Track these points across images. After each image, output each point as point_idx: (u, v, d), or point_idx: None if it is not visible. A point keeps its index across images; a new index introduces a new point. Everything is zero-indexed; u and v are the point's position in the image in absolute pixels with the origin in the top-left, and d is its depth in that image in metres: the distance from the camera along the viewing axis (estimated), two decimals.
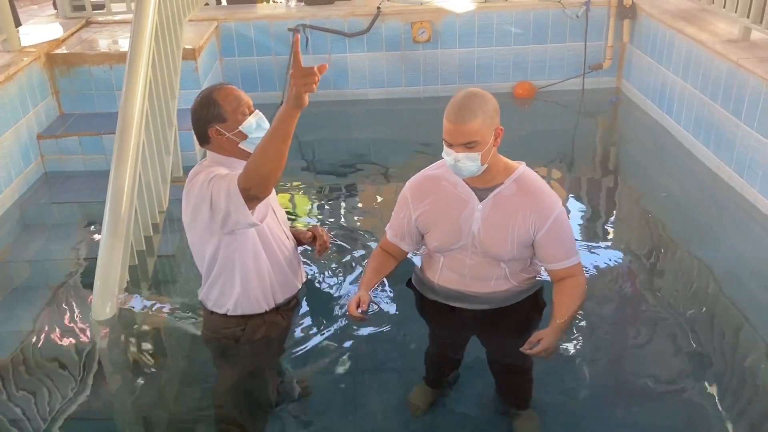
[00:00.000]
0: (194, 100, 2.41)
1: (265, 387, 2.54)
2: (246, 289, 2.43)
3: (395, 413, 2.42)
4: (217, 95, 2.35)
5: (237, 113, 2.35)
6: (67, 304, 2.97)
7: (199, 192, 2.28)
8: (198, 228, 2.37)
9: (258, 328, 2.48)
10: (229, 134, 2.35)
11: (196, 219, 2.35)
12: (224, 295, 2.46)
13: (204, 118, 2.35)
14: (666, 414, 2.39)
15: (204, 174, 2.31)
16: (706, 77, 4.25)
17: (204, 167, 2.37)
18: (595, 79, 5.67)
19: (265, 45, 5.43)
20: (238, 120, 2.35)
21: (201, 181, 2.28)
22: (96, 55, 4.57)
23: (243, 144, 2.37)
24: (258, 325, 2.48)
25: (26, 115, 4.15)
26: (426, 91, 5.67)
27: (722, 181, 4.02)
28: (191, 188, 2.34)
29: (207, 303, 2.53)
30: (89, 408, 2.47)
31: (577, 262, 2.45)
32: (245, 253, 2.38)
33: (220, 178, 2.24)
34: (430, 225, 2.47)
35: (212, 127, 2.35)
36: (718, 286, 3.08)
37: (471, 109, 2.21)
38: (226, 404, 2.46)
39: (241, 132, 2.35)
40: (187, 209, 2.37)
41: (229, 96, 2.35)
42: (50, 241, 3.60)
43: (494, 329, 2.55)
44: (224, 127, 2.34)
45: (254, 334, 2.48)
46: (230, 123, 2.34)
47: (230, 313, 2.47)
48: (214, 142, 2.38)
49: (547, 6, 5.47)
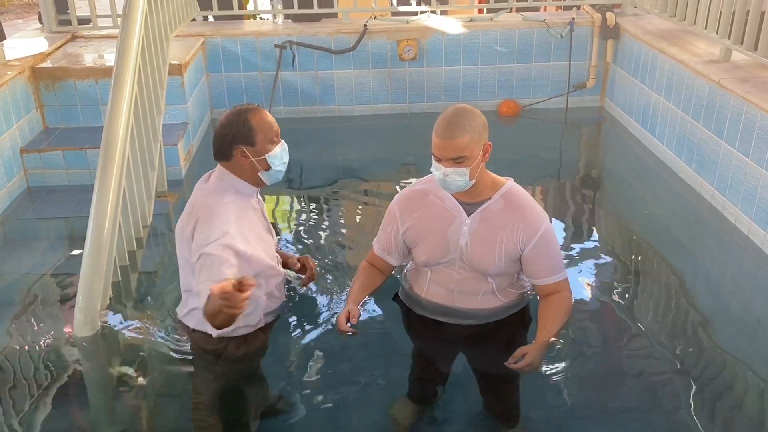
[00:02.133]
0: (223, 115, 2.39)
1: (247, 403, 2.51)
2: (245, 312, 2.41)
3: (381, 429, 2.41)
4: (251, 116, 2.34)
5: (267, 140, 2.36)
6: (49, 319, 2.94)
7: (196, 244, 2.26)
8: (189, 256, 2.35)
9: (240, 345, 2.46)
10: (253, 159, 2.35)
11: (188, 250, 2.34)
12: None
13: (232, 136, 2.34)
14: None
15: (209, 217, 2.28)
16: (688, 97, 4.31)
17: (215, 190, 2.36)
18: (579, 98, 5.73)
19: (252, 61, 5.44)
20: (267, 148, 2.36)
21: (202, 236, 2.26)
22: (81, 69, 4.55)
23: (262, 173, 2.39)
24: (240, 342, 2.46)
25: (9, 129, 4.12)
26: (412, 108, 5.70)
27: (704, 200, 4.06)
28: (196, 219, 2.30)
29: (189, 322, 2.49)
30: (69, 425, 2.44)
31: (564, 278, 2.46)
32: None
33: (206, 270, 2.21)
34: (418, 239, 2.47)
35: (239, 147, 2.33)
36: (698, 305, 3.10)
37: (460, 125, 2.23)
38: (207, 421, 2.43)
39: (266, 161, 2.36)
40: (184, 232, 2.34)
41: (263, 121, 2.36)
42: (32, 256, 3.56)
43: (481, 345, 2.55)
44: (251, 151, 2.34)
45: (237, 351, 2.45)
46: (258, 148, 2.35)
47: (223, 334, 2.41)
48: (234, 162, 2.37)
49: (531, 26, 5.53)
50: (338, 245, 3.60)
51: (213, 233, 2.25)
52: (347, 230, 3.87)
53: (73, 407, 2.50)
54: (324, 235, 3.77)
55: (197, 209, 2.34)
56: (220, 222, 2.28)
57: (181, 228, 2.39)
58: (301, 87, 5.54)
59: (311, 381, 2.55)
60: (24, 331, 2.88)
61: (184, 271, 2.46)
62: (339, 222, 4.02)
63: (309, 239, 3.68)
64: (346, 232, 3.83)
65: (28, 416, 2.42)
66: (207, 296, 2.09)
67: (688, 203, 4.14)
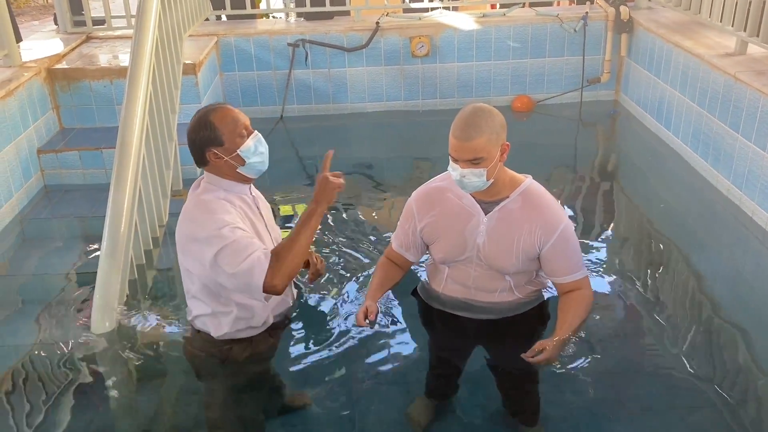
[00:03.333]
0: (190, 122, 2.36)
1: (256, 404, 2.50)
2: (242, 317, 2.40)
3: (398, 426, 2.41)
4: (213, 117, 2.29)
5: (234, 135, 2.30)
6: (67, 318, 2.97)
7: (207, 237, 2.23)
8: (193, 260, 2.34)
9: (245, 349, 2.45)
10: (227, 158, 2.30)
11: (191, 257, 2.33)
12: (218, 321, 2.41)
13: (200, 141, 2.30)
14: (669, 429, 2.38)
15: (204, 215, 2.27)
16: (703, 90, 4.27)
17: (204, 192, 2.34)
18: (593, 92, 5.70)
19: (265, 60, 5.46)
20: (236, 143, 2.30)
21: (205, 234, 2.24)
22: (96, 70, 4.59)
23: (241, 169, 2.34)
24: (245, 345, 2.45)
25: (27, 129, 4.16)
26: (424, 105, 5.69)
27: (720, 193, 4.03)
28: (196, 218, 2.29)
29: (196, 323, 2.49)
30: (88, 421, 2.46)
31: (584, 276, 2.45)
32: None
33: (244, 246, 2.20)
34: (435, 237, 2.47)
35: (209, 150, 2.30)
36: (716, 300, 3.08)
37: (477, 126, 2.21)
38: (218, 421, 2.43)
39: (239, 156, 2.31)
40: (185, 236, 2.33)
41: (226, 118, 2.30)
42: (50, 255, 3.60)
43: (499, 340, 2.55)
44: (222, 151, 2.29)
45: (241, 354, 2.44)
46: (228, 146, 2.29)
47: (225, 337, 2.43)
48: (212, 165, 2.34)
49: (544, 20, 5.51)
50: (352, 242, 3.60)
51: (217, 225, 2.23)
52: (361, 227, 3.87)
53: (91, 404, 2.52)
54: (338, 232, 3.77)
55: (192, 214, 2.32)
56: (220, 213, 2.26)
57: (179, 236, 2.37)
58: (314, 85, 5.55)
59: (326, 379, 2.55)
60: (42, 330, 2.91)
61: (185, 278, 2.44)
62: (352, 219, 4.02)
63: (323, 236, 3.69)
64: (359, 229, 3.84)
65: (48, 413, 2.45)
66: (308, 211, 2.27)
67: (705, 197, 4.10)
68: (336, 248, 3.47)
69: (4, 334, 2.95)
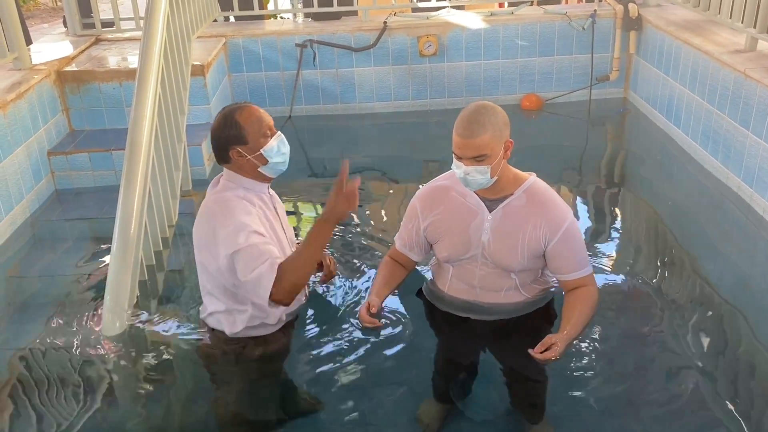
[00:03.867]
0: (215, 118, 2.39)
1: (267, 405, 2.51)
2: (257, 315, 2.43)
3: (407, 428, 2.41)
4: (239, 116, 2.34)
5: (259, 135, 2.34)
6: (78, 319, 2.98)
7: (225, 237, 2.27)
8: (209, 258, 2.37)
9: (258, 347, 2.47)
10: (250, 156, 2.34)
11: (208, 254, 2.36)
12: (233, 318, 2.44)
13: (224, 139, 2.34)
14: (679, 429, 2.37)
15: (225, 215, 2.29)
16: (713, 87, 4.25)
17: (224, 190, 2.37)
18: (602, 90, 5.68)
19: (273, 60, 5.47)
20: (260, 143, 2.34)
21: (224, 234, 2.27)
22: (105, 72, 4.61)
23: (262, 168, 2.38)
24: (258, 343, 2.47)
25: (37, 132, 4.18)
26: (433, 104, 5.69)
27: (731, 191, 4.01)
28: (216, 216, 2.32)
29: (209, 321, 2.52)
30: (98, 423, 2.47)
31: (589, 273, 2.44)
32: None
33: (257, 254, 2.23)
34: (439, 235, 2.47)
35: (233, 148, 2.34)
36: (726, 298, 3.06)
37: (480, 123, 2.22)
38: (229, 421, 2.45)
39: (263, 155, 2.35)
40: (204, 233, 2.36)
41: (251, 117, 2.34)
42: (60, 257, 3.62)
43: (505, 341, 2.54)
44: (245, 149, 2.34)
45: (254, 352, 2.46)
46: (251, 145, 2.34)
47: (239, 335, 2.46)
48: (234, 163, 2.37)
49: (553, 18, 5.49)
50: (361, 242, 3.60)
51: (237, 226, 2.27)
52: (370, 227, 3.88)
53: (102, 406, 2.53)
54: (346, 232, 3.77)
55: (212, 211, 2.36)
56: (239, 214, 2.30)
57: (197, 232, 2.41)
58: (322, 85, 5.56)
59: (334, 380, 2.55)
60: (53, 331, 2.92)
61: (202, 274, 2.47)
62: (361, 219, 4.03)
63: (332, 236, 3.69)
64: (368, 229, 3.84)
65: (59, 415, 2.46)
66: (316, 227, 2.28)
67: (715, 195, 4.08)
68: (344, 249, 3.47)
69: (15, 335, 2.97)
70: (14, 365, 2.75)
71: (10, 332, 3.01)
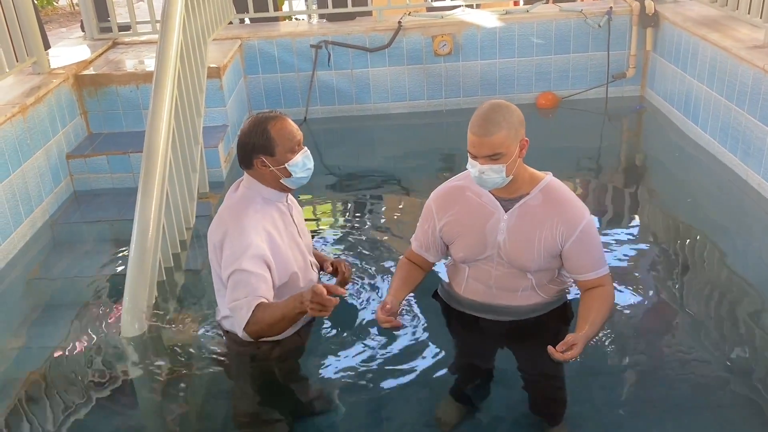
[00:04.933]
0: (245, 122, 2.40)
1: (284, 404, 2.52)
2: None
3: (424, 428, 2.40)
4: (272, 127, 2.35)
5: (286, 150, 2.36)
6: (97, 321, 3.01)
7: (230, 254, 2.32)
8: (216, 267, 2.44)
9: (274, 347, 2.48)
10: (273, 168, 2.36)
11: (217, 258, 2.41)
12: None
13: (251, 145, 2.36)
14: (699, 428, 2.35)
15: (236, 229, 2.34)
16: (731, 84, 4.21)
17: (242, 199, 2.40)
18: (618, 88, 5.64)
19: (289, 62, 5.49)
20: (287, 157, 2.36)
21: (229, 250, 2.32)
22: (123, 75, 4.65)
23: (284, 180, 2.40)
24: (274, 344, 2.48)
25: (56, 135, 4.23)
26: (448, 104, 5.68)
27: (751, 188, 3.96)
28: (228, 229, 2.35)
29: (224, 324, 2.55)
30: (117, 424, 2.49)
31: (606, 273, 2.42)
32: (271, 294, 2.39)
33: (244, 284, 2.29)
34: (455, 236, 2.46)
35: (258, 157, 2.35)
36: (746, 296, 3.03)
37: (495, 121, 2.21)
38: (246, 422, 2.46)
39: (287, 169, 2.37)
40: (215, 241, 2.40)
41: (283, 131, 2.36)
42: (79, 259, 3.65)
43: (522, 341, 2.53)
44: (270, 161, 2.35)
45: (271, 353, 2.48)
46: (278, 158, 2.35)
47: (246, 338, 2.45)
48: (256, 170, 2.39)
49: (568, 16, 5.47)
50: (377, 243, 3.60)
51: (242, 245, 2.30)
52: (386, 228, 3.88)
53: (121, 407, 2.55)
54: (363, 234, 3.78)
55: (226, 221, 2.39)
56: (248, 233, 2.32)
57: (211, 237, 2.44)
58: (337, 86, 5.57)
59: (350, 381, 2.55)
60: (72, 332, 2.95)
61: (215, 277, 2.50)
62: (378, 220, 4.03)
63: (348, 238, 3.69)
64: (385, 231, 3.84)
65: (76, 415, 2.48)
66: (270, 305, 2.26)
67: (734, 192, 4.04)
68: (360, 251, 3.48)
69: (35, 336, 3.01)
70: (35, 366, 2.78)
71: (31, 333, 3.04)
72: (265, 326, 2.28)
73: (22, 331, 3.07)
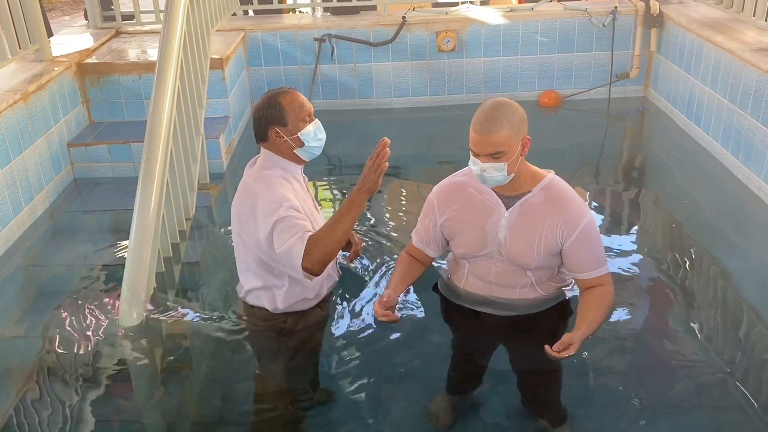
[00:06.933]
0: (259, 99, 2.52)
1: (306, 380, 2.58)
2: (296, 291, 2.53)
3: (420, 422, 2.41)
4: (282, 99, 2.47)
5: (298, 120, 2.47)
6: (95, 310, 3.01)
7: (266, 210, 2.37)
8: (250, 233, 2.45)
9: (299, 320, 2.56)
10: (287, 138, 2.46)
11: (248, 228, 2.44)
12: (272, 293, 2.54)
13: (266, 118, 2.46)
14: (697, 429, 2.35)
15: (265, 190, 2.39)
16: (735, 86, 4.20)
17: (263, 168, 2.48)
18: (622, 88, 5.63)
19: (292, 54, 5.48)
20: (298, 126, 2.47)
21: (264, 207, 2.37)
22: (125, 64, 4.64)
23: (298, 150, 2.50)
24: (299, 316, 2.57)
25: (57, 123, 4.22)
26: (451, 100, 5.67)
27: (752, 192, 3.96)
28: (256, 192, 2.41)
29: (249, 299, 2.61)
30: (115, 413, 2.49)
31: (606, 272, 2.42)
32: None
33: (291, 226, 2.32)
34: (456, 231, 2.46)
35: (272, 128, 2.46)
36: (746, 299, 3.03)
37: (497, 120, 2.20)
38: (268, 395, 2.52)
39: (299, 138, 2.47)
40: (244, 209, 2.45)
41: (294, 102, 2.47)
42: (79, 248, 3.65)
43: (521, 337, 2.53)
44: (284, 131, 2.46)
45: (296, 326, 2.56)
46: (290, 128, 2.47)
47: (278, 310, 2.54)
48: (271, 142, 2.49)
49: (573, 15, 5.45)
50: (378, 237, 3.60)
51: (277, 200, 2.38)
52: (387, 223, 3.87)
53: (119, 396, 2.55)
54: (365, 228, 3.78)
55: (252, 188, 2.45)
56: (279, 189, 2.41)
57: (237, 208, 2.50)
58: (340, 80, 5.56)
59: (349, 373, 2.56)
60: (71, 322, 2.95)
61: (239, 250, 2.57)
62: (379, 215, 4.02)
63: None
64: (386, 225, 3.84)
65: (77, 405, 2.49)
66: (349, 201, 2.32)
67: (735, 195, 4.04)
68: (364, 243, 3.47)
69: (34, 324, 3.00)
70: (33, 354, 2.79)
71: (30, 321, 3.04)
72: (322, 247, 2.31)
73: (19, 318, 3.07)
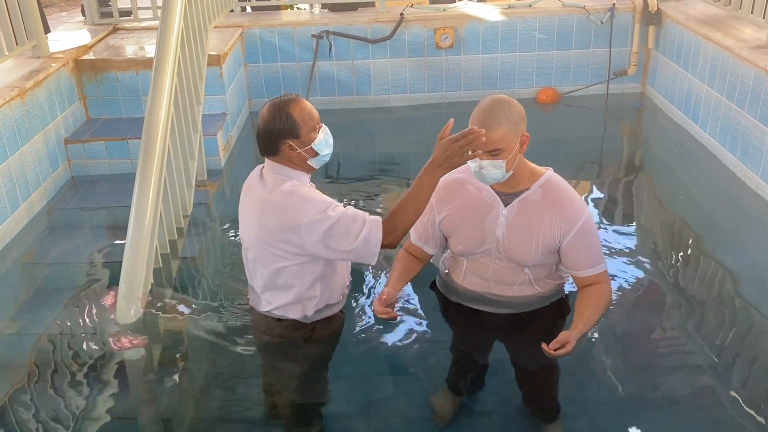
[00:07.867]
0: (264, 110, 2.38)
1: (325, 384, 2.56)
2: (323, 299, 2.48)
3: (418, 419, 2.41)
4: (292, 110, 2.35)
5: (310, 130, 2.38)
6: (92, 306, 3.01)
7: (312, 221, 2.27)
8: (289, 249, 2.35)
9: (326, 326, 2.53)
10: (300, 150, 2.37)
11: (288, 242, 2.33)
12: (301, 306, 2.46)
13: (277, 132, 2.35)
14: (692, 426, 2.36)
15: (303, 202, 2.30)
16: (732, 83, 4.20)
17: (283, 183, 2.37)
18: (619, 85, 5.63)
19: (289, 51, 5.47)
20: (311, 137, 2.38)
21: (314, 212, 2.27)
22: (123, 61, 4.63)
23: (311, 160, 2.41)
24: (325, 323, 2.53)
25: (54, 119, 4.21)
26: (448, 97, 5.67)
27: (749, 188, 3.97)
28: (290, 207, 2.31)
29: (274, 313, 2.50)
30: (112, 409, 2.49)
31: (603, 270, 2.42)
32: (326, 263, 2.42)
33: (352, 220, 2.27)
34: (454, 229, 2.47)
35: (285, 142, 2.35)
36: (743, 296, 3.04)
37: (496, 117, 2.20)
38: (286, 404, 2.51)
39: (313, 149, 2.39)
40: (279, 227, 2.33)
41: (303, 112, 2.37)
42: (76, 244, 3.64)
43: (518, 334, 2.54)
44: (297, 143, 2.36)
45: (323, 332, 2.52)
46: (303, 139, 2.36)
47: (309, 320, 2.48)
48: (283, 155, 2.38)
49: (571, 12, 5.45)
50: None
51: (321, 204, 2.30)
52: None
53: (116, 392, 2.55)
54: None
55: (284, 204, 2.32)
56: (315, 196, 2.34)
57: (269, 229, 2.36)
58: (337, 77, 5.55)
59: (346, 370, 2.57)
60: (69, 318, 2.95)
61: (267, 270, 2.43)
62: (377, 212, 4.02)
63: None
64: None
65: (71, 401, 2.49)
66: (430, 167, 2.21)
67: (733, 192, 4.04)
68: None
69: (30, 322, 3.00)
70: (30, 351, 2.78)
71: (27, 318, 3.04)
72: (409, 218, 2.27)
73: (16, 315, 3.07)
